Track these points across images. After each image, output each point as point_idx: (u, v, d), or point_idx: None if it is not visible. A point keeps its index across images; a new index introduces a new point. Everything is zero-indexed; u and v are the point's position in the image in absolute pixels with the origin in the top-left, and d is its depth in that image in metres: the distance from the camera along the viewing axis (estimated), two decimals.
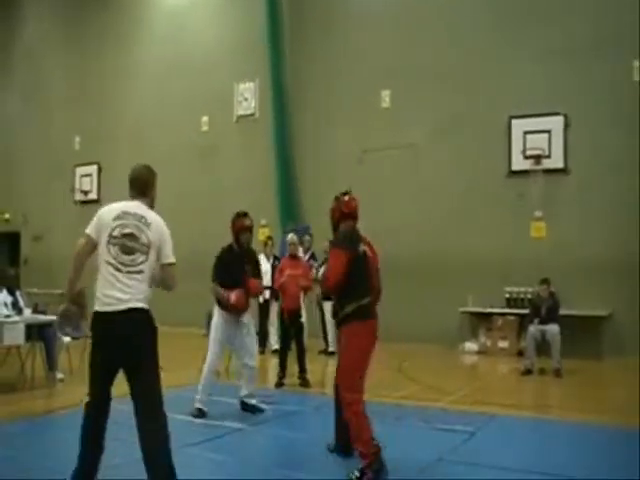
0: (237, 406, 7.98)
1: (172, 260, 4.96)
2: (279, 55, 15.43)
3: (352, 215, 5.85)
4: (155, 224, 4.94)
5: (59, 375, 9.39)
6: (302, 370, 9.74)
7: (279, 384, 9.56)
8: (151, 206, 5.18)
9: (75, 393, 8.63)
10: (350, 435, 5.55)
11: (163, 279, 4.99)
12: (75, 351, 10.22)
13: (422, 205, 13.90)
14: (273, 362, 10.77)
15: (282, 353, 9.88)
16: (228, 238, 8.25)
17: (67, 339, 9.91)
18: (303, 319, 10.12)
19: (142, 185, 5.21)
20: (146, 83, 18.37)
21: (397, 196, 14.15)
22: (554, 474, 5.68)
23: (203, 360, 10.27)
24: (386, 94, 14.58)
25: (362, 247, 5.71)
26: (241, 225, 7.78)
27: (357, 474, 5.29)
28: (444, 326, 13.38)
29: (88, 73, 19.50)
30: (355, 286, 5.58)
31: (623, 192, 12.14)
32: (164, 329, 17.02)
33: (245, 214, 7.87)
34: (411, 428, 7.08)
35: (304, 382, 9.64)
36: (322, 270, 12.39)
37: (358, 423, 5.45)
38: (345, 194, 5.92)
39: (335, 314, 5.82)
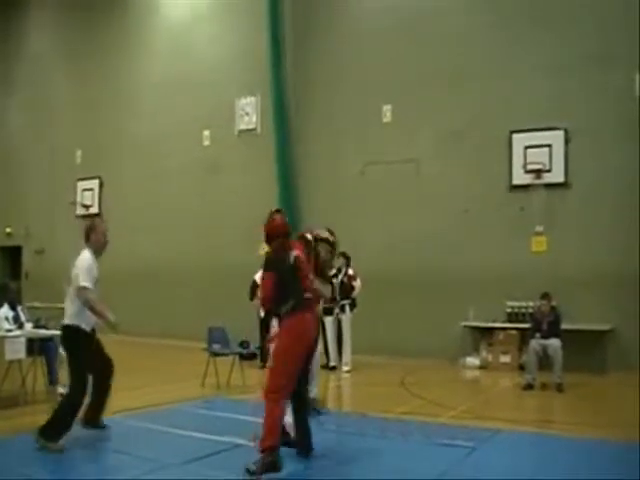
0: (237, 421, 7.95)
1: (79, 284, 6.71)
2: (280, 70, 15.46)
3: (281, 232, 6.36)
4: (77, 263, 6.92)
5: (60, 389, 9.35)
6: None
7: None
8: (95, 246, 7.16)
9: None
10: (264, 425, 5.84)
11: None
12: None
13: (423, 219, 13.91)
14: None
15: None
16: (229, 252, 8.29)
17: None
18: None
19: (84, 235, 7.18)
20: (148, 97, 18.43)
21: (398, 211, 14.16)
22: None
23: (204, 375, 10.30)
24: (387, 109, 14.62)
25: (292, 255, 6.17)
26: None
27: (253, 466, 5.62)
28: (446, 341, 13.36)
29: (90, 87, 19.57)
30: (289, 292, 6.05)
31: (624, 206, 12.15)
32: (166, 342, 16.93)
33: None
34: (413, 443, 7.06)
35: None
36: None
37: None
38: (278, 211, 6.56)
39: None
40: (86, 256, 6.93)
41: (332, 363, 12.60)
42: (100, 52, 19.33)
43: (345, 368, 12.31)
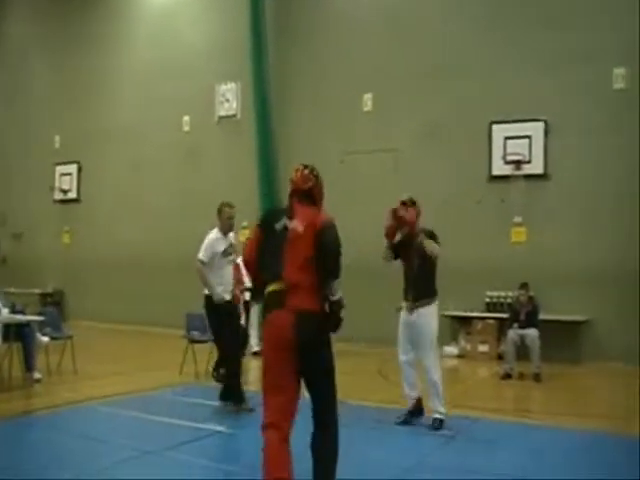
0: (215, 409, 7.93)
1: (198, 256, 7.83)
2: (261, 56, 15.36)
3: (293, 189, 4.91)
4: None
5: (37, 375, 9.32)
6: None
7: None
8: (222, 227, 8.02)
9: (53, 394, 8.63)
10: None
11: None
12: (53, 352, 10.16)
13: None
14: (254, 364, 10.73)
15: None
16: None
17: (46, 339, 9.84)
18: None
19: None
20: (128, 83, 18.28)
21: (379, 200, 14.09)
22: (535, 478, 5.71)
23: (183, 362, 10.25)
24: (368, 97, 14.60)
25: (282, 223, 4.70)
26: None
27: None
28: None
29: (69, 72, 19.37)
30: (261, 271, 4.77)
31: (602, 198, 12.25)
32: (145, 329, 16.81)
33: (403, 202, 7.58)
34: (391, 432, 7.09)
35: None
36: None
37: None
38: (305, 167, 4.98)
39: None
40: (210, 235, 7.95)
41: None
42: (80, 38, 19.11)
43: None
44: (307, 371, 4.55)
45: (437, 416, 7.18)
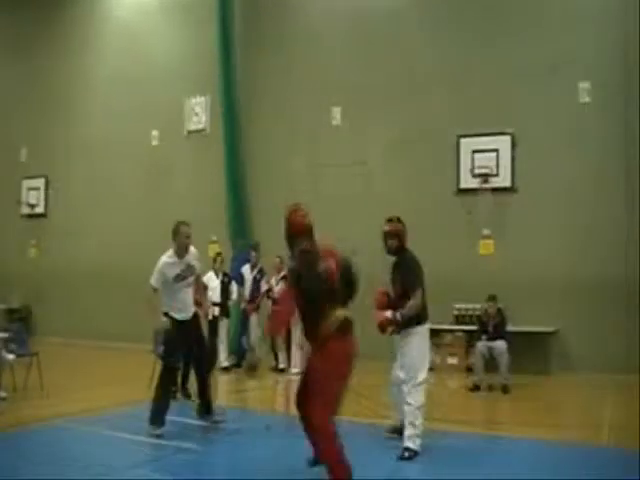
0: (183, 424, 7.87)
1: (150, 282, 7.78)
2: (230, 70, 15.36)
3: (302, 231, 5.55)
4: None
5: (2, 394, 9.18)
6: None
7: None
8: (177, 247, 7.81)
9: (19, 412, 8.49)
10: None
11: None
12: (19, 369, 10.01)
13: (372, 222, 13.82)
14: (222, 379, 10.69)
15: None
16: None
17: (11, 357, 9.68)
18: None
19: (172, 235, 7.86)
20: (96, 96, 18.15)
21: (347, 213, 14.17)
22: None
23: (151, 378, 10.14)
24: (337, 111, 14.65)
25: (322, 266, 5.45)
26: None
27: None
28: (392, 342, 13.40)
29: (37, 84, 19.19)
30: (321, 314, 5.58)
31: (569, 210, 12.38)
32: (113, 344, 16.59)
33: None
34: (361, 445, 7.06)
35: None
36: (278, 287, 12.51)
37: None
38: (296, 208, 5.68)
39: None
40: (162, 258, 7.81)
41: (281, 365, 12.60)
42: (47, 50, 18.97)
43: (294, 370, 12.29)
44: None
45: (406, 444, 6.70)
